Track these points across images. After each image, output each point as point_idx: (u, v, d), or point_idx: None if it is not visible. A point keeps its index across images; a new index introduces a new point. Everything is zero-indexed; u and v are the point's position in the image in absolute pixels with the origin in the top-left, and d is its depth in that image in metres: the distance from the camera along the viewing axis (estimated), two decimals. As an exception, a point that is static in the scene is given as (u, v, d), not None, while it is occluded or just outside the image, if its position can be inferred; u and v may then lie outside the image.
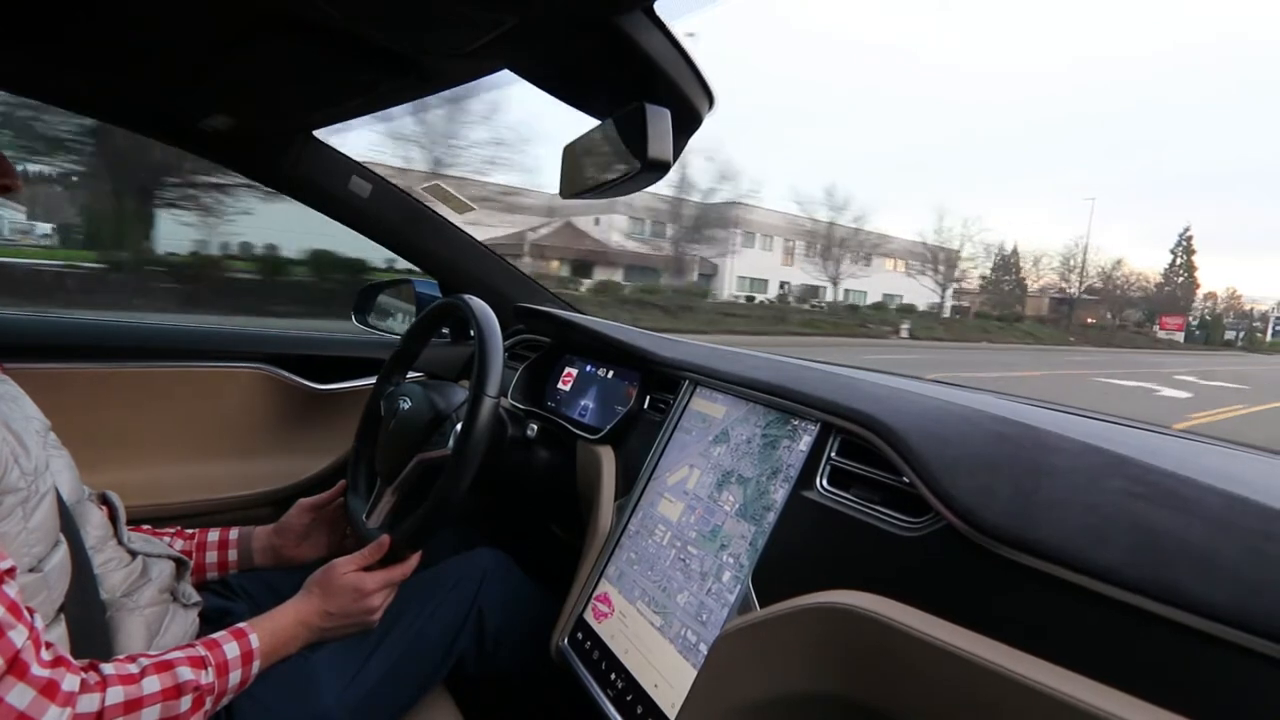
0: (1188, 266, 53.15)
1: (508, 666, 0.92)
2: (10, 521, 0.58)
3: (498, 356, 0.83)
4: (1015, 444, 0.57)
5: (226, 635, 0.69)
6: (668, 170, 0.63)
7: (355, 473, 0.99)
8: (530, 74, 0.69)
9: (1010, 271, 39.77)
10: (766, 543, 0.69)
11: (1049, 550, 0.46)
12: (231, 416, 1.30)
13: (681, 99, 0.64)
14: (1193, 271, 52.93)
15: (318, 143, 1.18)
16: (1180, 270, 52.90)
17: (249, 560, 0.94)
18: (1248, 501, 0.44)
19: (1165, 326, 44.52)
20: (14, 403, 0.68)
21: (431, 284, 1.43)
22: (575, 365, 1.20)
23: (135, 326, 1.26)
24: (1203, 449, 0.69)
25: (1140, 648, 0.42)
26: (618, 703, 0.73)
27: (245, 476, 1.31)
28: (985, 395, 0.83)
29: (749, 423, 0.80)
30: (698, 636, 0.70)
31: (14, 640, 0.51)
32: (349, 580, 0.78)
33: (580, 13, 0.56)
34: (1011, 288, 40.48)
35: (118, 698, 0.57)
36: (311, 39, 0.70)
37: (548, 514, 1.21)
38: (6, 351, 0.95)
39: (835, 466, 0.69)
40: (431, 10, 0.61)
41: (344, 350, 1.42)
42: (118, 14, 0.72)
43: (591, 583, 0.86)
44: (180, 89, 0.93)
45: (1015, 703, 0.44)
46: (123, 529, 0.78)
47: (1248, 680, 0.38)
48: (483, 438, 0.80)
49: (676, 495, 0.83)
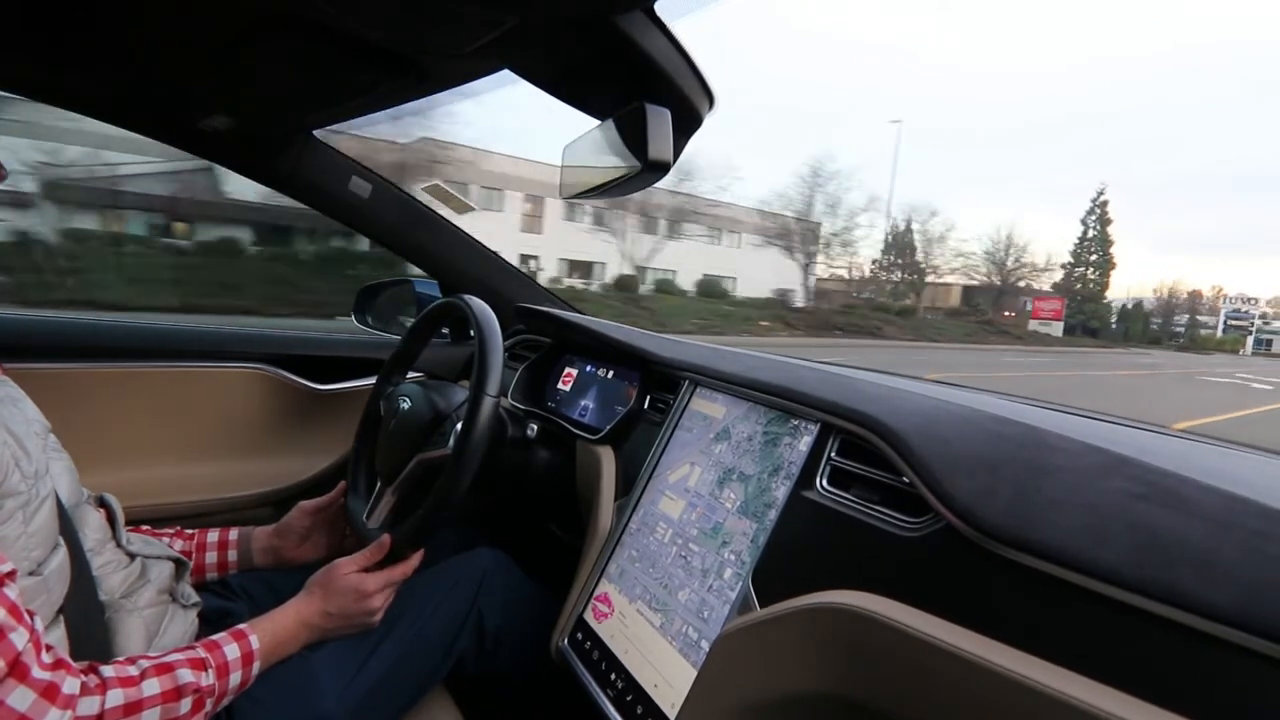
0: (1102, 240, 41.46)
1: (508, 666, 0.92)
2: (10, 525, 0.58)
3: (498, 356, 0.83)
4: (1015, 444, 0.57)
5: (226, 637, 0.69)
6: (668, 170, 0.63)
7: (355, 473, 0.99)
8: (530, 74, 0.69)
9: (904, 254, 30.93)
10: (767, 541, 0.69)
11: (1049, 550, 0.46)
12: (231, 416, 1.30)
13: (682, 99, 0.64)
14: (1108, 247, 41.52)
15: (317, 143, 1.18)
16: (1093, 245, 41.51)
17: (249, 561, 0.94)
18: (1247, 501, 0.44)
19: (1039, 314, 34.71)
20: (15, 405, 0.68)
21: (431, 284, 1.43)
22: (575, 365, 1.20)
23: (135, 326, 1.26)
24: (1202, 449, 0.69)
25: (1140, 648, 0.42)
26: (618, 703, 0.73)
27: (245, 477, 1.31)
28: (985, 395, 0.83)
29: (750, 420, 0.80)
30: (699, 634, 0.70)
31: (15, 643, 0.51)
32: (350, 580, 0.78)
33: (580, 13, 0.56)
34: (907, 274, 31.26)
35: (118, 700, 0.57)
36: (311, 39, 0.70)
37: (548, 514, 1.21)
38: (6, 351, 0.95)
39: (835, 466, 0.69)
40: (431, 10, 0.61)
41: (344, 350, 1.42)
42: (118, 14, 0.71)
43: (591, 583, 0.86)
44: (180, 89, 0.93)
45: (1015, 703, 0.44)
46: (121, 531, 0.78)
47: (1247, 680, 0.38)
48: (483, 438, 0.80)
49: (678, 493, 0.83)
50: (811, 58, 75.96)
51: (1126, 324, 45.56)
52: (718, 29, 53.19)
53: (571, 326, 1.20)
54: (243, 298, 8.21)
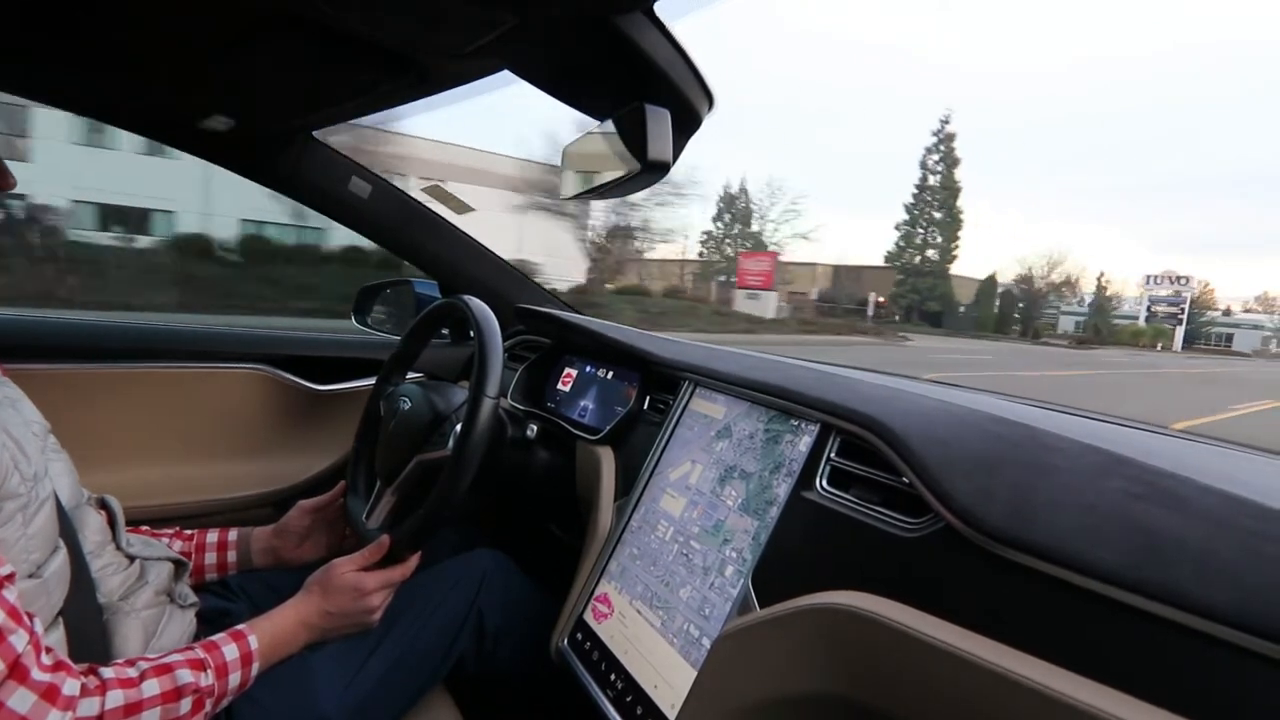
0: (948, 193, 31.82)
1: (507, 667, 0.92)
2: (10, 527, 0.58)
3: (497, 357, 0.83)
4: (1014, 444, 0.57)
5: (225, 637, 0.69)
6: (668, 171, 0.63)
7: (355, 473, 0.99)
8: (530, 74, 0.69)
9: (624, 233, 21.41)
10: (767, 541, 0.69)
11: (1047, 550, 0.46)
12: (231, 417, 1.30)
13: (681, 99, 0.64)
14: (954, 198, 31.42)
15: (317, 143, 1.18)
16: (934, 199, 31.90)
17: (248, 561, 0.94)
18: (1245, 501, 0.44)
19: (746, 282, 23.33)
20: (13, 407, 0.68)
21: (431, 284, 1.43)
22: (575, 366, 1.20)
23: (135, 327, 1.26)
24: (1201, 449, 0.69)
25: (1138, 647, 0.42)
26: (617, 703, 0.73)
27: (245, 477, 1.30)
28: (984, 395, 0.83)
29: (751, 419, 0.80)
30: (700, 631, 0.70)
31: (14, 645, 0.51)
32: (349, 580, 0.78)
33: (580, 13, 0.56)
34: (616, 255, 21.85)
35: (118, 701, 0.57)
36: (311, 39, 0.70)
37: (547, 514, 1.21)
38: (6, 351, 0.95)
39: (835, 467, 0.69)
40: (431, 10, 0.61)
41: (344, 351, 1.42)
42: (117, 14, 0.71)
43: (591, 583, 0.86)
44: (180, 89, 0.93)
45: (1014, 703, 0.44)
46: (121, 533, 0.78)
47: (1245, 680, 0.38)
48: (482, 438, 0.80)
49: (679, 491, 0.83)
50: (811, 57, 76.02)
51: (980, 309, 34.42)
52: (718, 29, 53.20)
53: (571, 327, 1.20)
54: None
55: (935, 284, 32.60)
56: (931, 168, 32.51)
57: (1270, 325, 51.59)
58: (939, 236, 32.84)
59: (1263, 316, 54.06)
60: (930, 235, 32.90)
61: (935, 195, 32.55)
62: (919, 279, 32.41)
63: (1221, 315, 53.97)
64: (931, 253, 33.16)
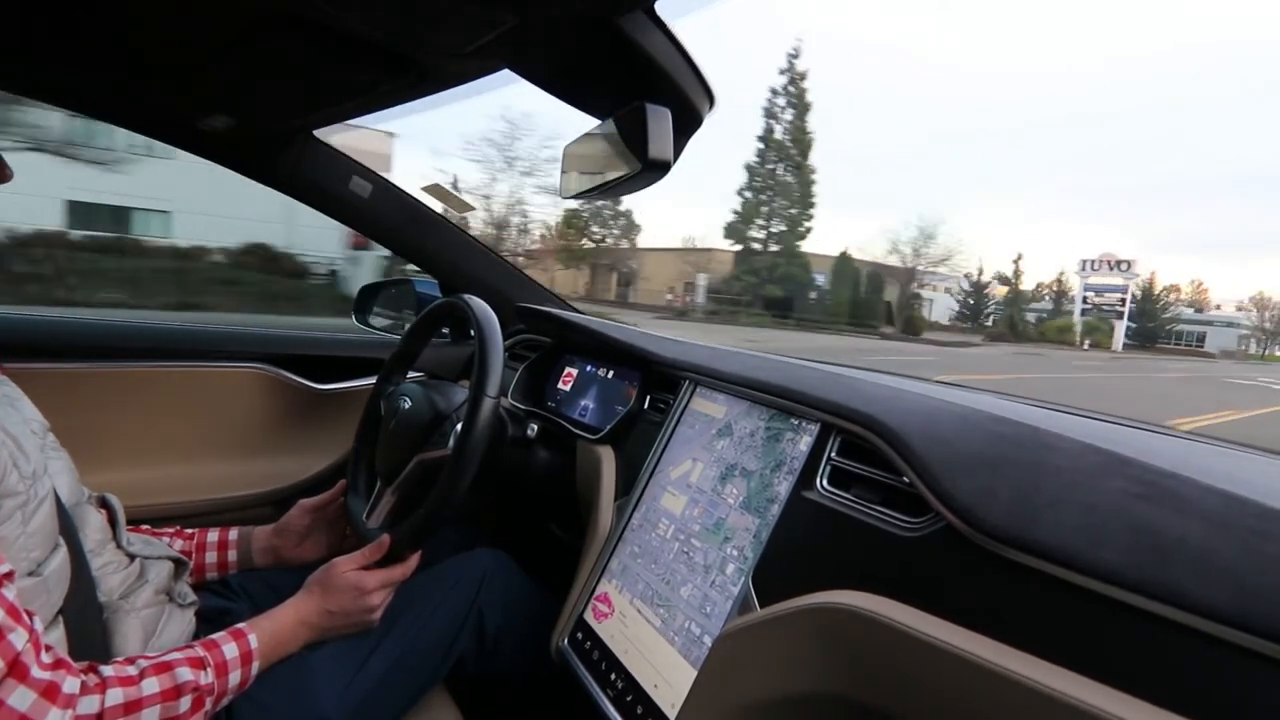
0: (799, 144, 24.69)
1: (508, 667, 0.92)
2: (9, 525, 0.58)
3: (498, 356, 0.83)
4: (1015, 444, 0.57)
5: (225, 636, 0.69)
6: (668, 170, 0.63)
7: (355, 473, 0.99)
8: (530, 74, 0.69)
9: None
10: (768, 540, 0.69)
11: (1048, 550, 0.46)
12: (231, 416, 1.30)
13: (682, 99, 0.64)
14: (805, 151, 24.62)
15: (318, 143, 1.18)
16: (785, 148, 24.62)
17: (249, 561, 0.94)
18: (1246, 501, 0.44)
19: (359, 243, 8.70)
20: (12, 405, 0.68)
21: (431, 284, 1.43)
22: (575, 365, 1.20)
23: (135, 326, 1.26)
24: (1202, 449, 0.69)
25: (1139, 647, 0.42)
26: (618, 703, 0.73)
27: (245, 476, 1.31)
28: (985, 395, 0.83)
29: (751, 417, 0.80)
30: (701, 629, 0.70)
31: (14, 643, 0.51)
32: (349, 579, 0.78)
33: (580, 13, 0.56)
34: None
35: (117, 699, 0.57)
36: (311, 39, 0.70)
37: (548, 514, 1.21)
38: (6, 351, 0.95)
39: (835, 466, 0.69)
40: (431, 10, 0.61)
41: (344, 350, 1.42)
42: (117, 14, 0.71)
43: (592, 583, 0.86)
44: (180, 89, 0.93)
45: (1014, 702, 0.44)
46: (122, 532, 0.78)
47: (1246, 680, 0.38)
48: (483, 438, 0.80)
49: (680, 489, 0.83)
50: (811, 58, 75.94)
51: (834, 293, 26.99)
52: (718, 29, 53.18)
53: (572, 326, 1.20)
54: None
55: (778, 263, 25.28)
56: (779, 116, 25.19)
57: (1248, 324, 47.34)
58: (787, 204, 25.18)
59: (1240, 315, 49.27)
60: (774, 203, 25.46)
61: (783, 151, 25.30)
62: (757, 257, 25.56)
63: (1193, 312, 48.82)
64: (778, 224, 25.84)
